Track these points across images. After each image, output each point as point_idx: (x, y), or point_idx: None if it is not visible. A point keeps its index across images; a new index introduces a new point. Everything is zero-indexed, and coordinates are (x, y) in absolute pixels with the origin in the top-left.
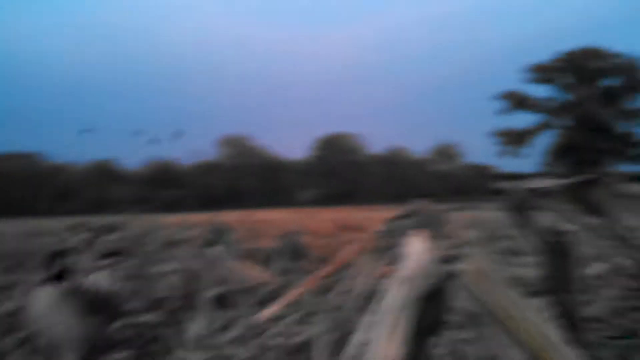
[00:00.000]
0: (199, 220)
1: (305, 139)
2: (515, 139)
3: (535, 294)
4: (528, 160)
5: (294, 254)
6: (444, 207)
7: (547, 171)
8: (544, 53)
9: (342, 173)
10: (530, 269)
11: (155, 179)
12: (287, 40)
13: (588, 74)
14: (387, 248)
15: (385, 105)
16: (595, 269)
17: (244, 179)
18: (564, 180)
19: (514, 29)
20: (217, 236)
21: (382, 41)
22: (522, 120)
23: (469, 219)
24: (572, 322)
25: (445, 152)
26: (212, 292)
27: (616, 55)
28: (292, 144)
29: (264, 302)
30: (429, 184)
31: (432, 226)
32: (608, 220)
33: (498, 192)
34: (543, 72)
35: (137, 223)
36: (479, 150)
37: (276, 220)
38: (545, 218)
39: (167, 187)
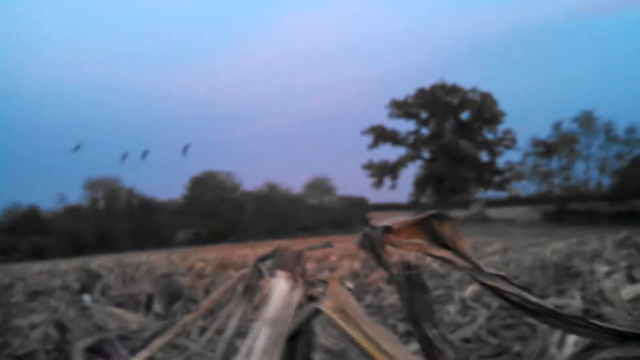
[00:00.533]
0: (68, 267)
1: (179, 179)
2: (384, 171)
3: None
4: (399, 191)
5: (170, 297)
6: (309, 244)
7: (415, 201)
8: (409, 88)
9: (218, 211)
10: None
11: (18, 227)
12: (153, 79)
13: (445, 108)
14: (254, 289)
15: (259, 142)
16: (470, 290)
17: (115, 222)
18: (414, 215)
19: (383, 66)
20: (88, 283)
21: (254, 77)
22: (391, 153)
23: (341, 252)
24: (436, 350)
25: (320, 186)
26: (85, 342)
27: (470, 91)
28: (166, 184)
29: (140, 349)
30: (306, 218)
31: (297, 265)
32: (457, 253)
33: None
34: (404, 107)
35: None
36: (354, 183)
37: (151, 262)
38: (400, 253)
39: (31, 234)
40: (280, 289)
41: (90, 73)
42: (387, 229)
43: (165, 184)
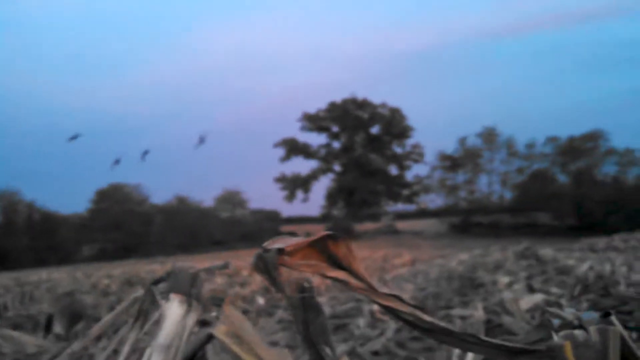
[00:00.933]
0: None
1: (83, 192)
2: (296, 184)
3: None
4: (311, 204)
5: (72, 317)
6: (219, 259)
7: (327, 214)
8: (320, 102)
9: (125, 225)
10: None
11: None
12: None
13: (356, 122)
14: (146, 313)
15: (168, 154)
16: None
17: (14, 237)
18: (308, 237)
19: (295, 79)
20: None
21: (163, 89)
22: (303, 166)
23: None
24: None
25: (231, 199)
26: None
27: (380, 106)
28: (69, 198)
29: None
30: (217, 231)
31: (192, 288)
32: (351, 273)
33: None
34: (316, 121)
35: None
36: (266, 196)
37: (53, 280)
38: (295, 274)
39: None
40: (173, 313)
41: None
42: (281, 251)
43: (68, 197)
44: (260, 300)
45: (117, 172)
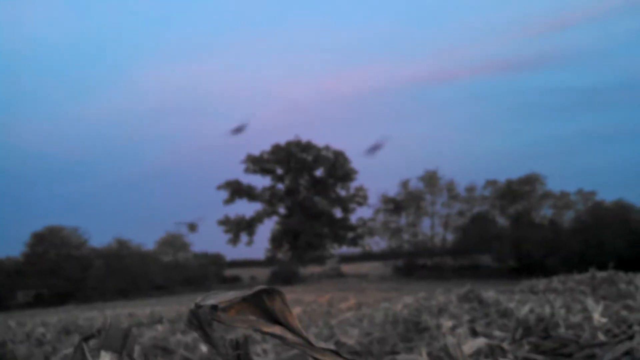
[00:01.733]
0: None
1: (18, 235)
2: (240, 227)
3: None
4: (255, 247)
5: None
6: (160, 304)
7: (272, 257)
8: (264, 144)
9: (62, 270)
10: None
11: None
12: None
13: (300, 165)
14: None
15: (107, 196)
16: None
17: None
18: (242, 292)
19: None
20: None
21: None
22: (248, 208)
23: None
24: None
25: (173, 243)
26: None
27: (324, 148)
28: (3, 241)
29: None
30: (159, 276)
31: (124, 345)
32: (287, 328)
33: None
34: (260, 163)
35: None
36: (209, 239)
37: None
38: (230, 330)
39: None
40: None
41: None
42: (215, 307)
43: (1, 241)
44: (203, 348)
45: (54, 214)
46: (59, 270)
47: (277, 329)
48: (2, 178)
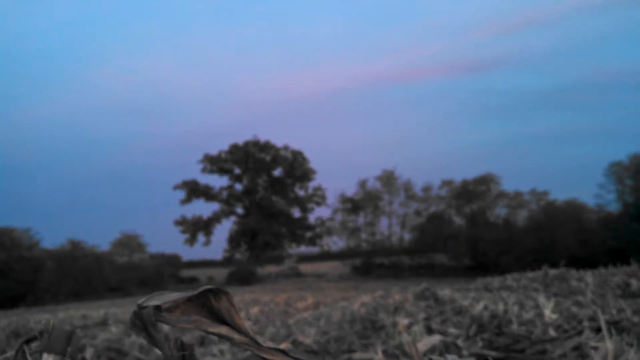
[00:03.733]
0: None
1: None
2: (197, 227)
3: None
4: (213, 247)
5: None
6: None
7: (230, 257)
8: (222, 144)
9: (13, 272)
10: None
11: None
12: None
13: (258, 164)
14: None
15: (60, 197)
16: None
17: None
18: (187, 292)
19: (193, 121)
20: None
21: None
22: (205, 208)
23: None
24: None
25: (128, 243)
26: None
27: (282, 148)
28: None
29: None
30: (113, 277)
31: (67, 347)
32: (234, 328)
33: (184, 281)
34: (217, 163)
35: None
36: (166, 239)
37: None
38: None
39: None
40: None
41: None
42: (159, 307)
43: None
44: (158, 351)
45: (5, 215)
46: (10, 272)
47: (223, 329)
48: None
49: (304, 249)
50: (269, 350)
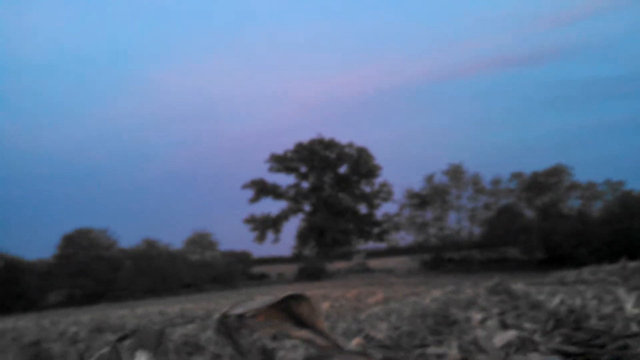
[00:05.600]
0: None
1: (48, 237)
2: (266, 225)
3: None
4: (281, 244)
5: None
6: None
7: (299, 254)
8: (288, 143)
9: (93, 271)
10: None
11: None
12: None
13: (323, 162)
14: None
15: (134, 199)
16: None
17: None
18: (269, 299)
19: (257, 123)
20: None
21: (127, 130)
22: (273, 206)
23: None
24: None
25: (201, 242)
26: None
27: (347, 145)
28: (35, 244)
29: None
30: (187, 274)
31: (158, 345)
32: (316, 332)
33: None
34: (283, 162)
35: None
36: (236, 237)
37: (19, 328)
38: (259, 337)
39: None
40: None
41: None
42: (242, 315)
43: (34, 244)
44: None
45: (84, 216)
46: (89, 271)
47: (304, 333)
48: (32, 184)
49: (371, 245)
50: (350, 354)
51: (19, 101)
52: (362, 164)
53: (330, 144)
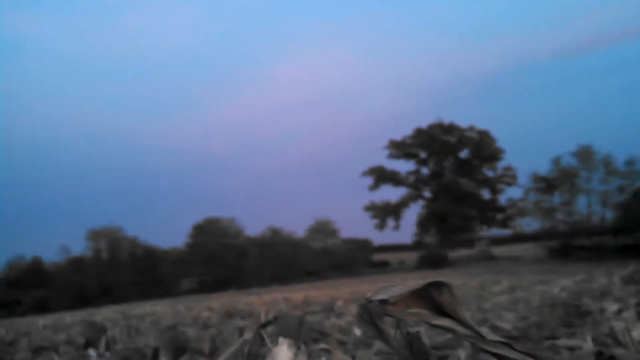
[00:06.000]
0: (72, 320)
1: (181, 227)
2: (386, 212)
3: None
4: (402, 231)
5: (176, 350)
6: (314, 289)
7: (420, 241)
8: (406, 129)
9: (222, 258)
10: None
11: (21, 280)
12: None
13: (443, 147)
14: (256, 356)
15: (259, 187)
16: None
17: (118, 272)
18: (411, 286)
19: (372, 110)
20: (93, 336)
21: (247, 124)
22: (393, 193)
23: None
24: None
25: (322, 229)
26: None
27: (468, 129)
28: (168, 233)
29: None
30: (310, 262)
31: (298, 332)
32: (457, 320)
33: (375, 265)
34: (402, 148)
35: (3, 328)
36: (357, 225)
37: (156, 313)
38: (400, 323)
39: (34, 287)
40: (282, 357)
41: (87, 123)
42: (384, 301)
43: (167, 233)
44: (357, 332)
45: (212, 207)
46: (219, 259)
47: (446, 322)
48: (165, 177)
49: (495, 231)
50: (493, 344)
51: (144, 100)
52: (483, 148)
53: (450, 128)
